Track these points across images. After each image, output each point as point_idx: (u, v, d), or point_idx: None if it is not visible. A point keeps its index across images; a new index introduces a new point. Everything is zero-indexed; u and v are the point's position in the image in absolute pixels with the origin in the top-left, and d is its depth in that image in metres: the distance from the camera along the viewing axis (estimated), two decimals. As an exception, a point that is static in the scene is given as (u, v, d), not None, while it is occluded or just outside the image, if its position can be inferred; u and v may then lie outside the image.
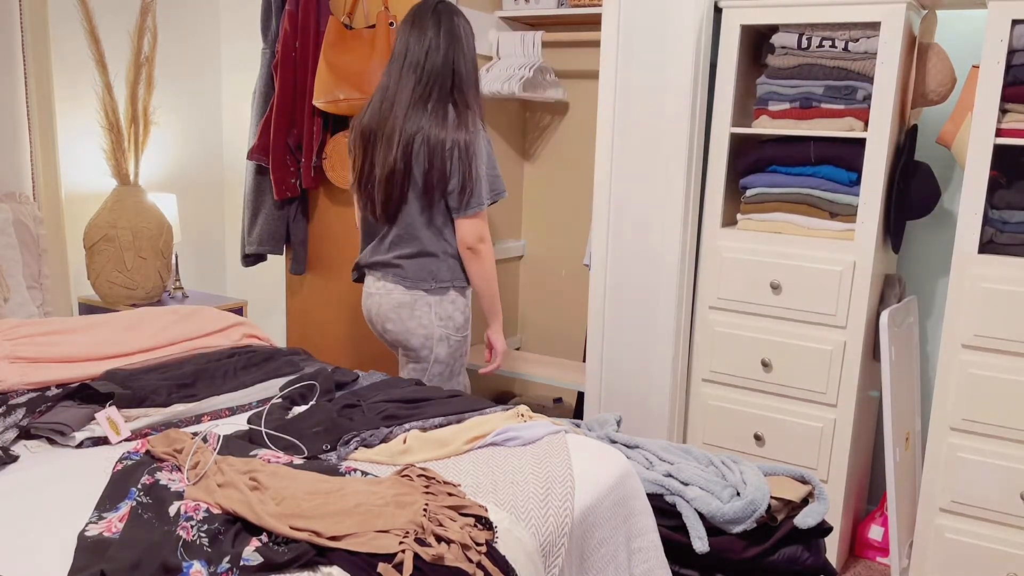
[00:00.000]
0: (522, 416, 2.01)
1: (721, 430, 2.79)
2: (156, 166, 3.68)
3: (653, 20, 2.62)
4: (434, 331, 2.43)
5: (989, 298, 2.34)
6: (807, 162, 2.60)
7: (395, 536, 1.39)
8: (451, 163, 2.32)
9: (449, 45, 2.35)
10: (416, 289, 2.41)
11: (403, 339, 2.45)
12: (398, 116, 2.34)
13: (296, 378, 2.22)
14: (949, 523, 2.48)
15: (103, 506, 1.51)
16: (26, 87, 3.02)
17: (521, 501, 1.62)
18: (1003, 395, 2.35)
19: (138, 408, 1.96)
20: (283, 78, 3.03)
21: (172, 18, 3.67)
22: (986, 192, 2.33)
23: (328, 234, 3.26)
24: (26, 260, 2.88)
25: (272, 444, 1.82)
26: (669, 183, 2.68)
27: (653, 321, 2.77)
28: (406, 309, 2.42)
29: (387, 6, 2.93)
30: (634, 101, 2.70)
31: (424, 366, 2.46)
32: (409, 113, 2.33)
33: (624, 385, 2.86)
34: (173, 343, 2.38)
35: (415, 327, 2.43)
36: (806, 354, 2.61)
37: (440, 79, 2.34)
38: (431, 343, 2.43)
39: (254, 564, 1.32)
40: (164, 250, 3.25)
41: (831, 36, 2.51)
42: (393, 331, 2.46)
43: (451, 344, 2.46)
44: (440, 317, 2.43)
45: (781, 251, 2.62)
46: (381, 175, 2.36)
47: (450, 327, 2.45)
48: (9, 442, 1.80)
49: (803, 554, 1.97)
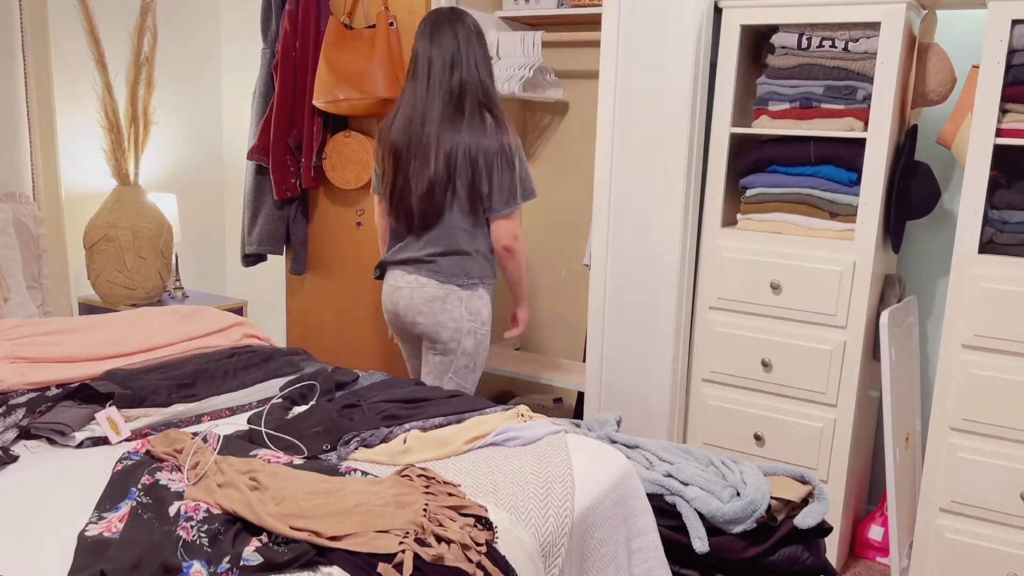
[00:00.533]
0: (522, 416, 2.01)
1: (721, 430, 2.79)
2: (156, 166, 3.68)
3: (653, 20, 2.62)
4: (463, 324, 2.49)
5: (989, 298, 2.34)
6: (807, 162, 2.60)
7: (395, 536, 1.39)
8: (497, 167, 2.40)
9: (470, 54, 2.41)
10: (449, 284, 2.47)
11: (433, 332, 2.50)
12: (431, 133, 2.40)
13: (296, 378, 2.22)
14: (949, 523, 2.48)
15: (103, 506, 1.51)
16: (26, 87, 3.02)
17: (521, 501, 1.62)
18: (1003, 395, 2.35)
19: (138, 408, 1.96)
20: (283, 78, 3.03)
21: (172, 18, 3.67)
22: (986, 192, 2.33)
23: (328, 234, 3.26)
24: (26, 260, 2.88)
25: (272, 444, 1.82)
26: (669, 183, 2.68)
27: (653, 321, 2.77)
28: (438, 303, 2.47)
29: (387, 6, 2.93)
30: (634, 101, 2.70)
31: (451, 358, 2.52)
32: (443, 128, 2.40)
33: (624, 385, 2.86)
34: (173, 343, 2.38)
35: (446, 320, 2.48)
36: (806, 354, 2.61)
37: (470, 90, 2.41)
38: (460, 336, 2.49)
39: (254, 564, 1.32)
40: (164, 250, 3.25)
41: (831, 36, 2.51)
42: (424, 324, 2.51)
43: (477, 337, 2.53)
44: (469, 312, 2.49)
45: (781, 251, 2.62)
46: (420, 190, 2.43)
47: (477, 321, 2.51)
48: (9, 442, 1.80)
49: (803, 554, 1.97)
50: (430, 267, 2.47)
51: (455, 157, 2.38)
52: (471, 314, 2.49)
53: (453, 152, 2.38)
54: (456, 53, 2.40)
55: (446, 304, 2.47)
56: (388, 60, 2.88)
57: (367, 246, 3.17)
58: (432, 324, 2.49)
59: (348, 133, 3.06)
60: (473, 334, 2.51)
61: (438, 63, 2.40)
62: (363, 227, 3.17)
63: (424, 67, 2.42)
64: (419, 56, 2.43)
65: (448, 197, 2.42)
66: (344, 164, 3.09)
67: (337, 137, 3.08)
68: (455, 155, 2.38)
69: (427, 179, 2.40)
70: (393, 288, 2.54)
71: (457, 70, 2.40)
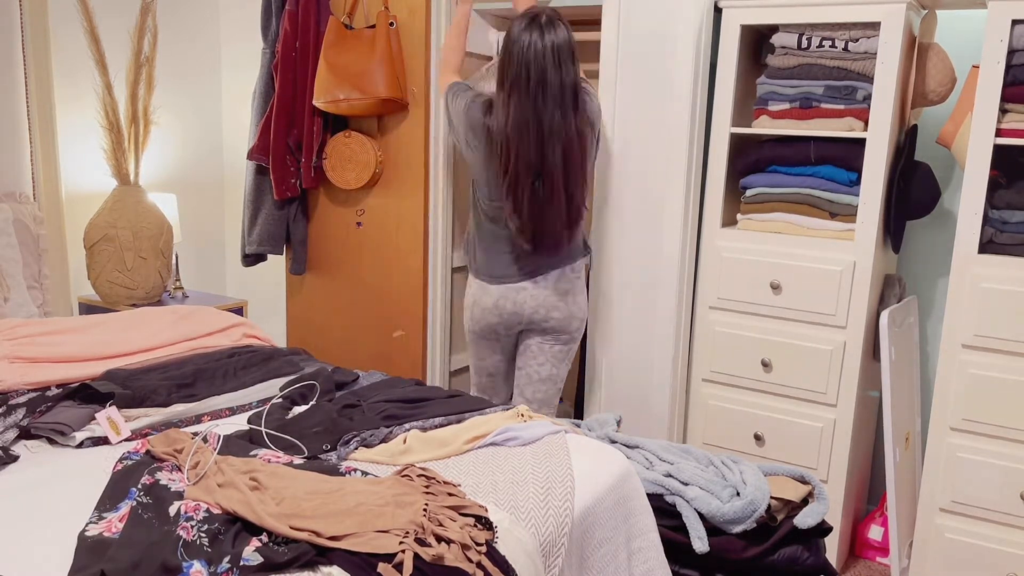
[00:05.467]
0: (522, 416, 2.01)
1: (721, 430, 2.79)
2: (156, 166, 3.68)
3: (653, 20, 2.62)
4: (585, 313, 2.66)
5: (989, 298, 2.34)
6: (807, 162, 2.60)
7: (395, 536, 1.39)
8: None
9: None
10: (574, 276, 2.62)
11: (565, 324, 2.60)
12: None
13: (296, 378, 2.22)
14: (949, 523, 2.48)
15: (103, 506, 1.51)
16: (26, 87, 3.02)
17: (521, 501, 1.62)
18: (1003, 395, 2.35)
19: (138, 408, 1.96)
20: (283, 78, 3.03)
21: (172, 18, 3.67)
22: (986, 192, 2.33)
23: (328, 234, 3.26)
24: (26, 260, 2.88)
25: (272, 444, 1.82)
26: (669, 183, 2.68)
27: (653, 321, 2.77)
28: (569, 296, 2.59)
29: (387, 6, 2.93)
30: (634, 101, 2.70)
31: (572, 347, 2.66)
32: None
33: (624, 385, 2.86)
34: (173, 343, 2.38)
35: (576, 311, 2.60)
36: (806, 354, 2.61)
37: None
38: (583, 325, 2.65)
39: (254, 564, 1.32)
40: (164, 250, 3.25)
41: (831, 36, 2.51)
42: (558, 317, 2.58)
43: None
44: (584, 300, 2.65)
45: (781, 251, 2.62)
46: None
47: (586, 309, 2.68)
48: (9, 442, 1.80)
49: (803, 554, 1.97)
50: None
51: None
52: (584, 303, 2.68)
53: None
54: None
55: (576, 296, 2.67)
56: (388, 60, 2.88)
57: (367, 246, 3.17)
58: (565, 316, 2.63)
59: (348, 133, 3.06)
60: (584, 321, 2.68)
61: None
62: (363, 227, 3.17)
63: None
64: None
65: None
66: (344, 164, 3.08)
67: (337, 137, 3.08)
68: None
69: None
70: (516, 290, 2.60)
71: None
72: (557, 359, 2.63)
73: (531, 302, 2.55)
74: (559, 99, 2.33)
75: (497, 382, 2.78)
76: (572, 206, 2.43)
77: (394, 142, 3.05)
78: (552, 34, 2.32)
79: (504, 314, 2.58)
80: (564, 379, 2.70)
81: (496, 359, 2.74)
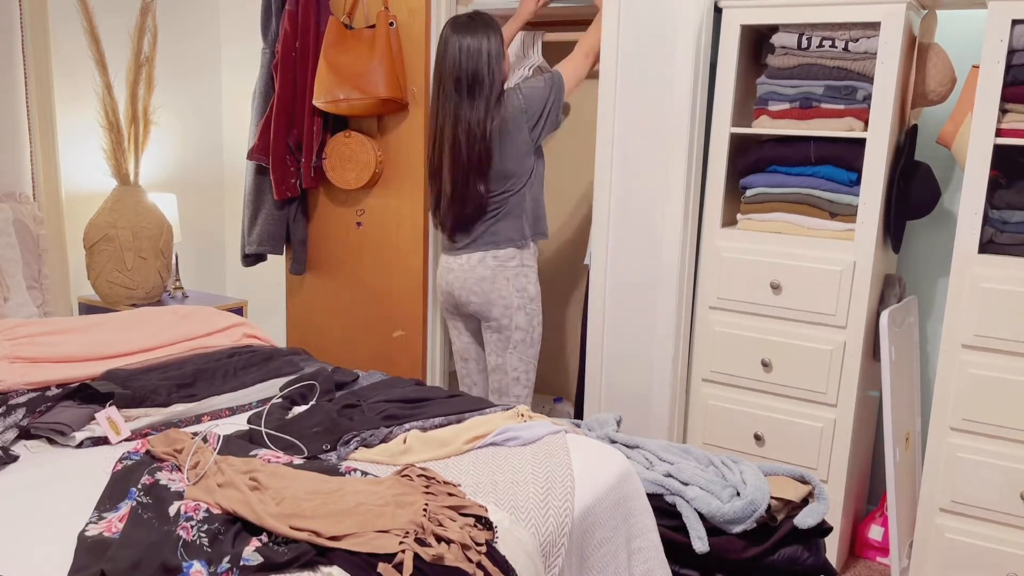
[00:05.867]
0: (522, 416, 2.01)
1: (721, 430, 2.79)
2: (156, 166, 3.68)
3: (653, 20, 2.62)
4: (516, 303, 2.68)
5: (989, 298, 2.34)
6: (807, 162, 2.60)
7: (395, 536, 1.39)
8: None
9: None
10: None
11: (485, 310, 2.67)
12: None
13: (296, 378, 2.22)
14: (949, 523, 2.48)
15: (103, 506, 1.51)
16: (26, 87, 3.02)
17: (521, 501, 1.62)
18: (1003, 395, 2.35)
19: (138, 408, 1.96)
20: (283, 78, 3.03)
21: (172, 18, 3.67)
22: (986, 192, 2.33)
23: (328, 234, 3.26)
24: (26, 260, 2.88)
25: (272, 444, 1.82)
26: (669, 183, 2.68)
27: (653, 321, 2.77)
28: (488, 282, 2.66)
29: (387, 6, 2.93)
30: (634, 101, 2.70)
31: (509, 336, 2.68)
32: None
33: (624, 385, 2.86)
34: (173, 343, 2.38)
35: (497, 299, 2.65)
36: (806, 354, 2.61)
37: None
38: (516, 316, 2.67)
39: (254, 564, 1.32)
40: (164, 250, 3.25)
41: (831, 36, 2.51)
42: (476, 302, 2.68)
43: (527, 312, 2.69)
44: (511, 290, 2.69)
45: (781, 251, 2.62)
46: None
47: (524, 297, 2.68)
48: (9, 442, 1.80)
49: (803, 554, 1.97)
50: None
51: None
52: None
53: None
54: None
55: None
56: (388, 60, 2.88)
57: (367, 246, 3.17)
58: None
59: (348, 133, 3.06)
60: (523, 309, 2.71)
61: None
62: (363, 227, 3.17)
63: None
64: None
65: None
66: (344, 164, 3.08)
67: (337, 137, 3.08)
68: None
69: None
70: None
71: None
72: (499, 347, 2.67)
73: (456, 282, 2.67)
74: (462, 98, 2.53)
75: (470, 368, 2.83)
76: (468, 197, 2.57)
77: (394, 142, 3.05)
78: (460, 35, 2.52)
79: (443, 290, 2.74)
80: (521, 371, 2.69)
81: (465, 340, 2.81)
